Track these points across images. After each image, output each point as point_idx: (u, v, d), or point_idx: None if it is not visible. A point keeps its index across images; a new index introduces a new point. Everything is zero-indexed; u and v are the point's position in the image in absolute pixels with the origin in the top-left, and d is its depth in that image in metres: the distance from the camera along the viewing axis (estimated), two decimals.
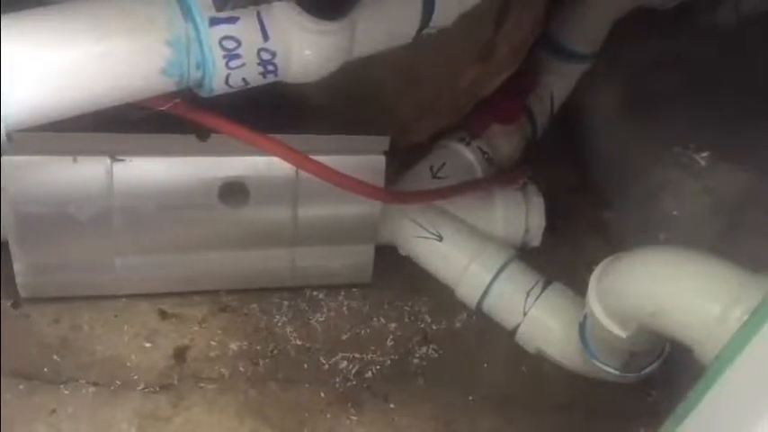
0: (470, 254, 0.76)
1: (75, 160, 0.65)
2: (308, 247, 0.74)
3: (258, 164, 0.68)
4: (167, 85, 0.47)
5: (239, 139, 0.60)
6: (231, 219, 0.70)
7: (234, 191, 0.69)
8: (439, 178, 0.80)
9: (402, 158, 0.80)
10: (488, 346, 0.76)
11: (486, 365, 0.75)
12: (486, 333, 0.77)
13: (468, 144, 0.83)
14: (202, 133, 0.67)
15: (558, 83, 0.91)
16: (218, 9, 0.44)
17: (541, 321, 0.73)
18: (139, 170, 0.66)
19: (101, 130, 0.62)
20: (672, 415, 0.45)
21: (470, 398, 0.71)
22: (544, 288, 0.73)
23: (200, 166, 0.68)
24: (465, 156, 0.83)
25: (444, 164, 0.81)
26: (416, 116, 0.77)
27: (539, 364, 0.75)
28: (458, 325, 0.78)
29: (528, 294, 0.73)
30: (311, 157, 0.65)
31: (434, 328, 0.77)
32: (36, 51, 0.43)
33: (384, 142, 0.71)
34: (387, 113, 0.75)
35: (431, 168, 0.81)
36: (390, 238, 0.79)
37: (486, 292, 0.75)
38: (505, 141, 0.87)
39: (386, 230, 0.78)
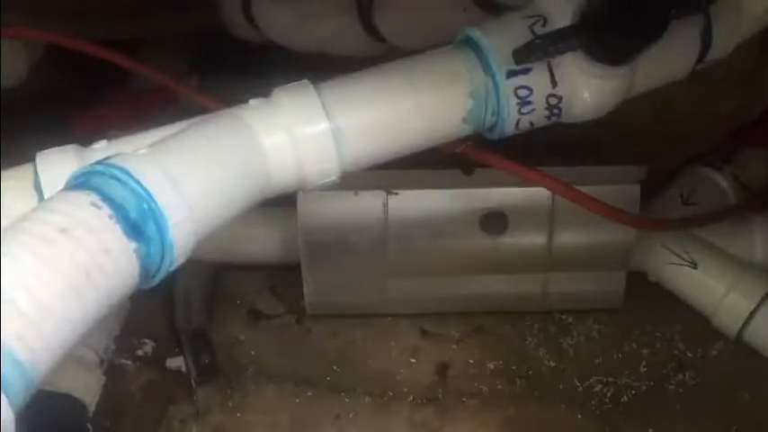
0: (728, 282, 0.74)
1: (355, 194, 0.73)
2: (561, 273, 0.77)
3: (517, 195, 0.73)
4: (465, 131, 0.53)
5: (512, 173, 0.65)
6: (490, 246, 0.75)
7: (494, 220, 0.74)
8: (690, 204, 0.80)
9: (650, 184, 0.81)
10: (750, 376, 0.74)
11: (748, 396, 0.73)
12: (747, 363, 0.75)
13: (719, 169, 0.82)
14: (467, 168, 0.73)
15: None
16: (518, 63, 0.49)
17: None
18: (411, 202, 0.73)
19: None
20: None
21: (734, 428, 0.70)
22: None
23: (464, 198, 0.74)
24: (717, 181, 0.81)
25: (695, 190, 0.81)
26: (668, 144, 0.78)
27: None
28: (714, 353, 0.77)
29: None
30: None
31: (689, 355, 0.77)
32: (362, 108, 0.50)
33: (639, 171, 0.72)
34: (638, 142, 0.77)
35: (681, 195, 0.80)
36: (640, 264, 0.80)
37: (747, 322, 0.73)
38: (758, 165, 0.84)
39: (636, 256, 0.79)
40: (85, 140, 0.85)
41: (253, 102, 0.50)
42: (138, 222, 0.38)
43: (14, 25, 0.71)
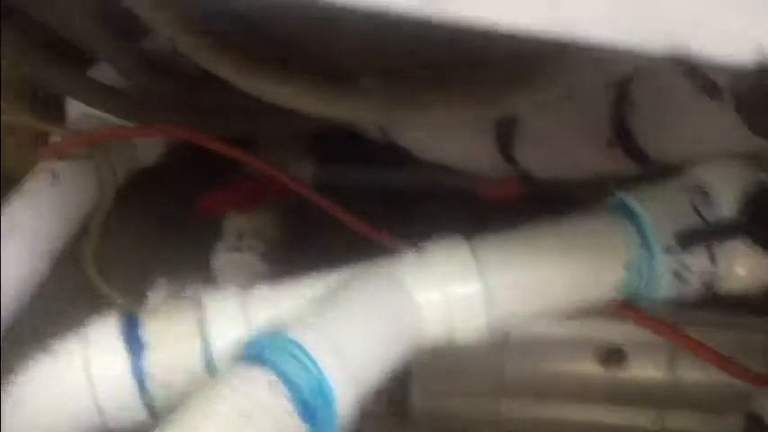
0: None
1: None
2: (679, 411, 0.75)
3: (638, 331, 0.71)
4: (615, 298, 0.52)
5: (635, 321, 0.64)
6: (607, 378, 0.74)
7: (613, 353, 0.73)
8: None
9: None
10: None
11: None
12: None
13: None
14: None
15: None
16: (682, 246, 0.48)
17: None
18: (531, 328, 0.73)
19: None
20: None
21: None
22: None
23: (584, 329, 0.73)
24: None
25: None
26: None
27: None
28: None
29: None
30: (692, 330, 0.66)
31: None
32: (515, 272, 0.50)
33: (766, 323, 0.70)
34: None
35: None
36: (757, 408, 0.77)
37: None
38: None
39: (753, 399, 0.76)
40: (208, 220, 0.90)
41: (406, 257, 0.51)
42: (310, 402, 0.39)
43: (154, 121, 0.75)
